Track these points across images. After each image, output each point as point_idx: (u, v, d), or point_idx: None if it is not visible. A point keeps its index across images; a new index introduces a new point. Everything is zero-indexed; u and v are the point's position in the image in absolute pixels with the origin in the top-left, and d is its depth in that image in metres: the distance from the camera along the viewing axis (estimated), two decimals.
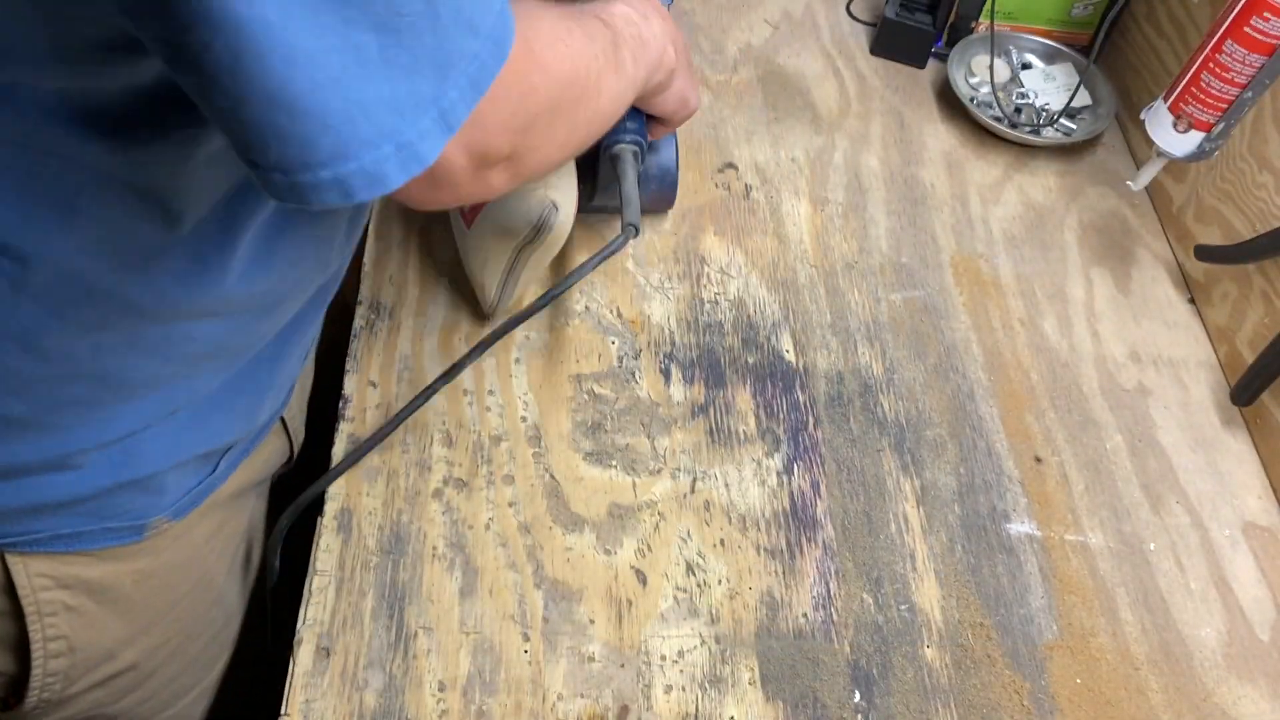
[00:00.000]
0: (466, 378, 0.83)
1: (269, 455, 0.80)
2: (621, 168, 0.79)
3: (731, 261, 0.95)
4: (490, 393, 0.83)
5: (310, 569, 0.73)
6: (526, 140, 0.55)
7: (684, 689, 0.70)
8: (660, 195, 0.92)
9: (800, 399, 0.86)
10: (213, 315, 0.61)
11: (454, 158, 0.51)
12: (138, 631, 0.72)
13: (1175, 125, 0.87)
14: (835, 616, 0.75)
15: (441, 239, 0.92)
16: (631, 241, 0.76)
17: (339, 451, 0.79)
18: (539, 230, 0.77)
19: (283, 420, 0.79)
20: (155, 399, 0.63)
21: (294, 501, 0.76)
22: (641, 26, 0.69)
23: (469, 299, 0.88)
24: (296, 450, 0.84)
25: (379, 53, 0.43)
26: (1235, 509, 0.85)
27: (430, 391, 0.76)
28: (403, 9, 0.43)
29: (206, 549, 0.75)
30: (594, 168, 0.83)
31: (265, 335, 0.67)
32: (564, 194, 0.78)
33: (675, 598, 0.74)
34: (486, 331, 0.79)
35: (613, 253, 0.75)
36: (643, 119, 0.80)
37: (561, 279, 0.75)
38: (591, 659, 0.71)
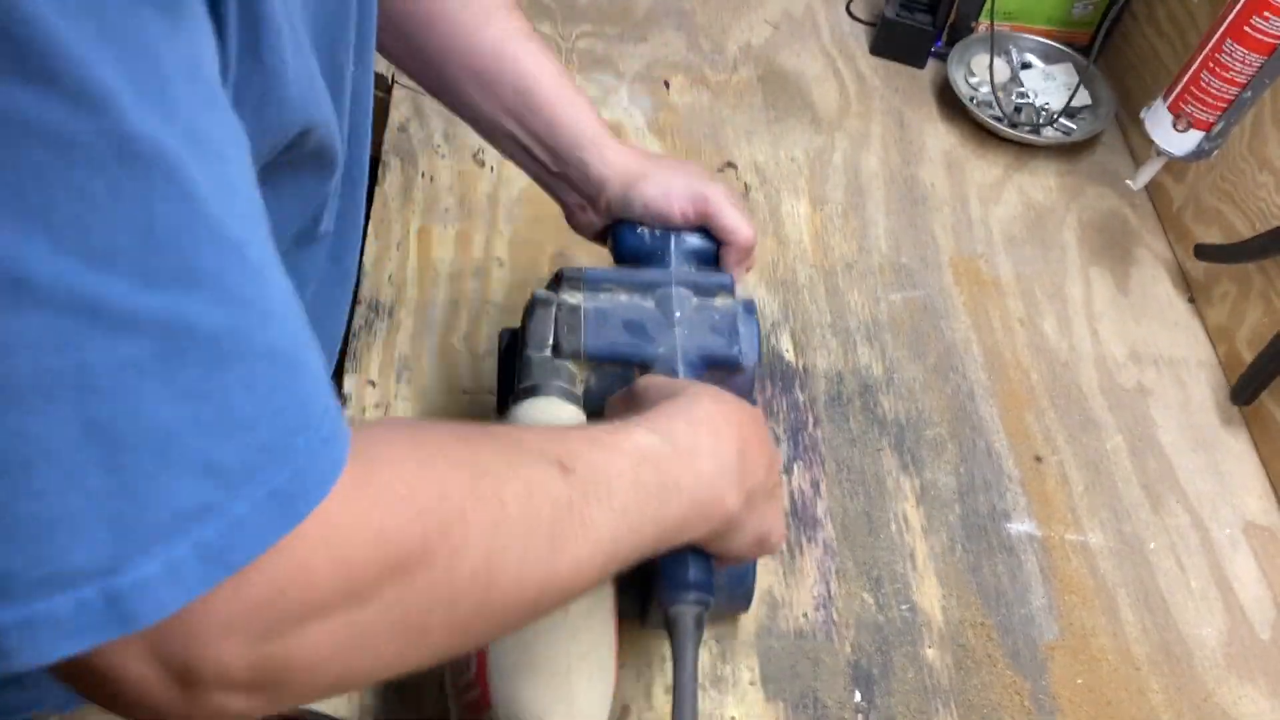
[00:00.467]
0: (465, 377, 0.83)
1: None
2: (678, 640, 0.54)
3: None
4: (490, 393, 0.83)
5: None
6: (291, 652, 0.34)
7: None
8: (730, 606, 0.70)
9: (800, 398, 0.86)
10: None
11: (133, 668, 0.32)
12: None
13: (1175, 125, 0.87)
14: (835, 616, 0.75)
15: (441, 239, 0.92)
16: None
17: None
18: None
19: None
20: None
21: None
22: (672, 467, 0.49)
23: (468, 298, 0.88)
24: None
25: None
26: (1235, 508, 0.85)
27: None
28: (20, 440, 0.29)
29: None
30: (644, 602, 0.61)
31: None
32: (594, 711, 0.56)
33: None
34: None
35: None
36: (710, 561, 0.57)
37: None
38: None
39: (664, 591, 0.56)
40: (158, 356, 0.30)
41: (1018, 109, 1.11)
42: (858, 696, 0.71)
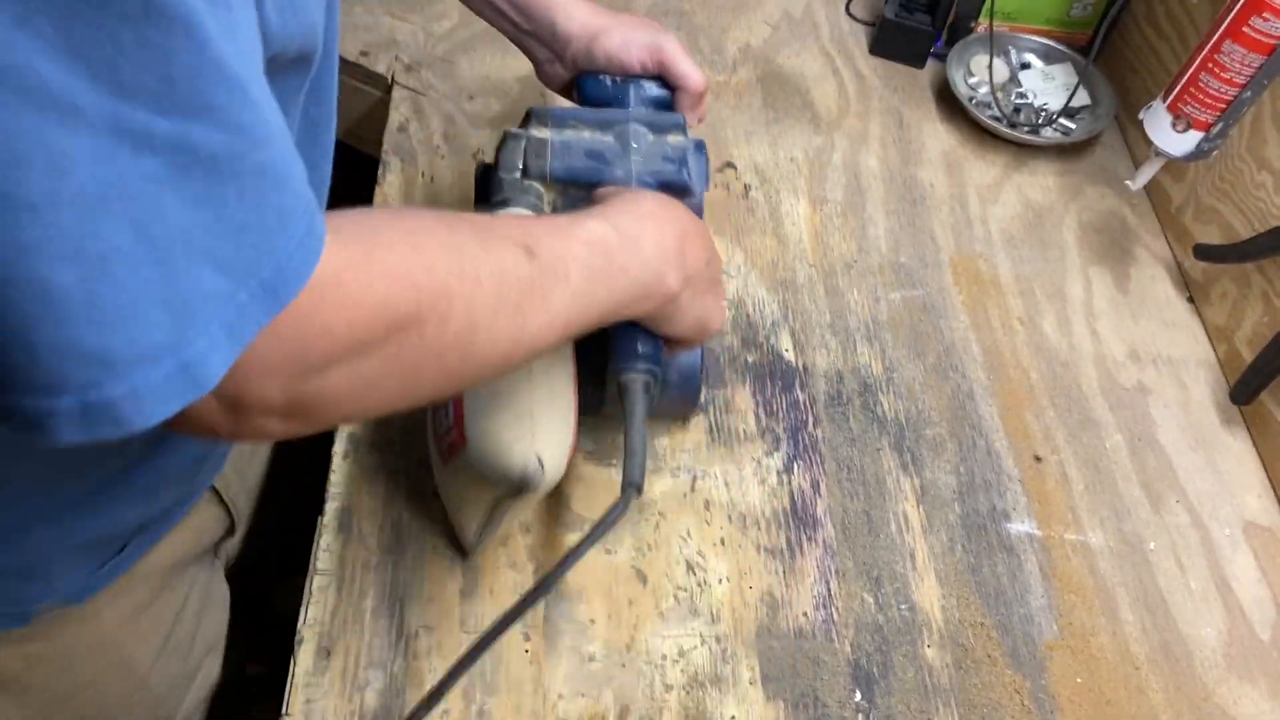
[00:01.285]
0: None
1: (201, 527, 0.77)
2: (628, 402, 0.64)
3: (730, 261, 0.95)
4: None
5: (310, 569, 0.73)
6: (316, 389, 0.44)
7: (684, 689, 0.70)
8: (681, 402, 0.78)
9: (800, 398, 0.86)
10: None
11: (201, 404, 0.41)
12: (35, 714, 0.70)
13: (1174, 125, 0.87)
14: (836, 616, 0.75)
15: None
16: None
17: (339, 449, 0.78)
18: (520, 488, 0.64)
19: (216, 491, 0.77)
20: (30, 488, 0.58)
21: None
22: (619, 252, 0.58)
23: None
24: (239, 522, 0.82)
25: (80, 288, 0.35)
26: (1235, 508, 0.85)
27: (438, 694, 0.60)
28: (99, 240, 0.35)
29: (122, 631, 0.71)
30: (603, 374, 0.68)
31: (154, 437, 0.61)
32: (553, 446, 0.64)
33: (675, 597, 0.74)
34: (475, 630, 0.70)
35: (611, 524, 0.59)
36: (658, 340, 0.66)
37: (556, 566, 0.59)
38: (592, 659, 0.71)
39: (616, 363, 0.66)
40: (169, 169, 0.36)
41: (1017, 109, 1.11)
42: (858, 696, 0.71)
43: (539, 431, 0.64)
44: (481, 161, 0.77)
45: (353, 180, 1.07)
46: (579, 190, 0.70)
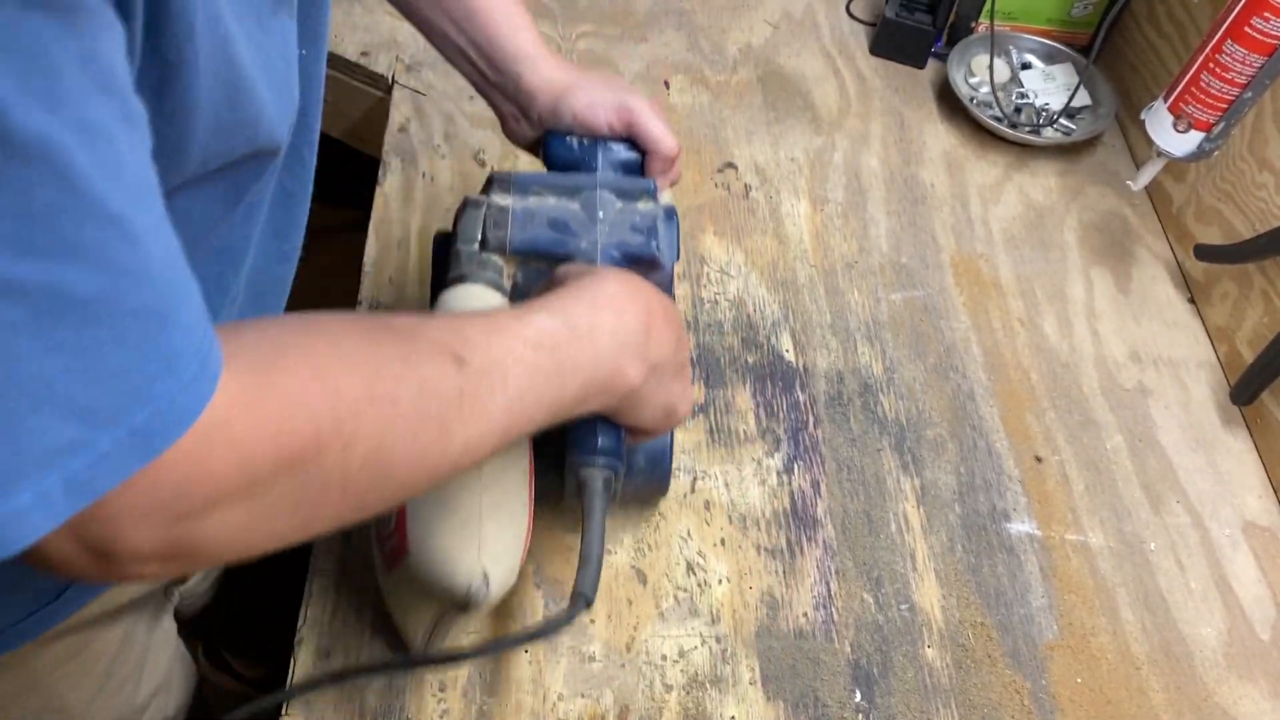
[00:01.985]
0: None
1: None
2: (587, 499, 0.60)
3: (731, 261, 0.95)
4: None
5: (310, 569, 0.73)
6: (197, 533, 0.40)
7: (684, 689, 0.70)
8: (649, 488, 0.74)
9: (800, 398, 0.86)
10: None
11: (63, 549, 0.37)
12: None
13: (1175, 125, 0.87)
14: (835, 616, 0.75)
15: None
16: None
17: None
18: (465, 604, 0.59)
19: None
20: None
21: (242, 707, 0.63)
22: (568, 348, 0.54)
23: None
24: (193, 570, 0.79)
25: None
26: (1235, 508, 0.85)
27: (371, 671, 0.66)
28: None
29: (55, 676, 0.70)
30: (564, 461, 0.64)
31: None
32: (501, 558, 0.60)
33: (675, 597, 0.74)
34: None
35: (555, 631, 0.57)
36: (619, 431, 0.62)
37: (496, 640, 0.62)
38: (592, 659, 0.71)
39: (574, 457, 0.61)
40: (34, 317, 0.33)
41: (1018, 109, 1.11)
42: (858, 696, 0.71)
43: (487, 541, 0.59)
44: (440, 230, 0.71)
45: (353, 181, 1.07)
46: (541, 262, 0.66)
